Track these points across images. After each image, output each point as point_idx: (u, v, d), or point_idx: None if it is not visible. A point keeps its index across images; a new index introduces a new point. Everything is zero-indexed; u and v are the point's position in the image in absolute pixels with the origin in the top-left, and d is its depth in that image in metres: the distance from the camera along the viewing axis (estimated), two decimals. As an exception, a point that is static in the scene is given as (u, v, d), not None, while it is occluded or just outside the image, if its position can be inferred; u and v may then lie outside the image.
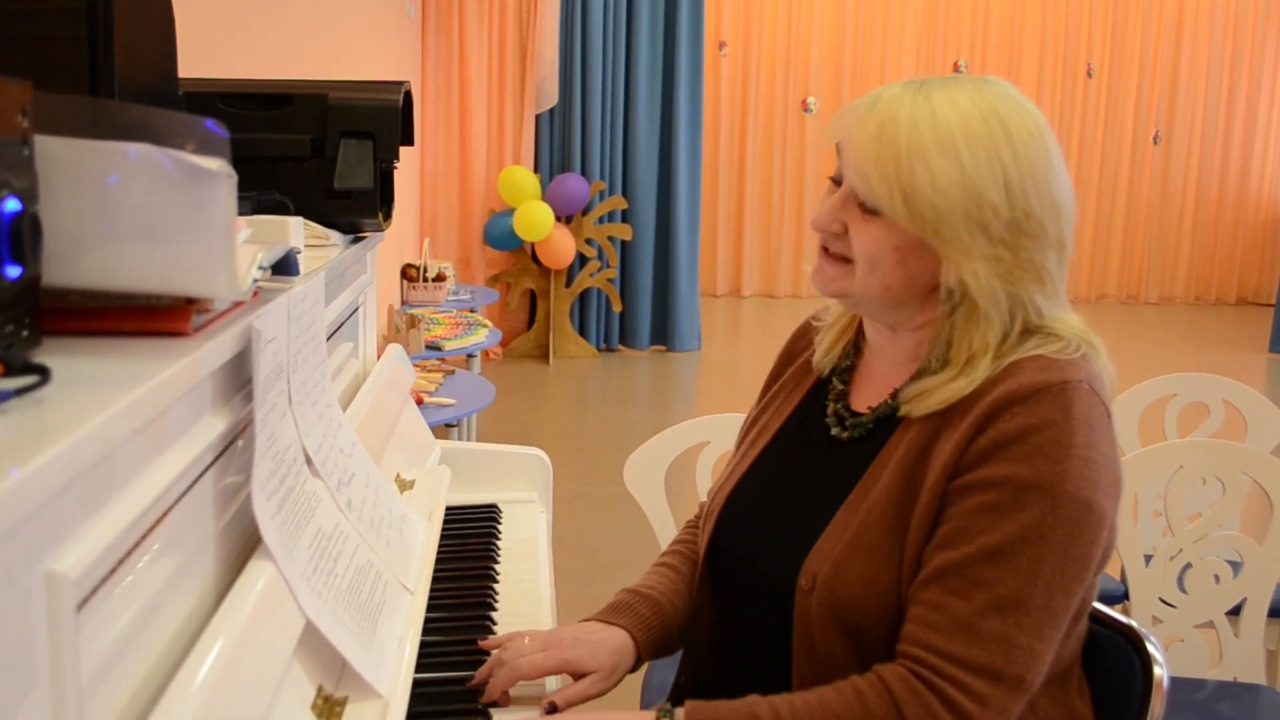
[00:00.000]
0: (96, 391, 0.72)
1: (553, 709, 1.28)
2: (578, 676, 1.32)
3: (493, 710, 1.27)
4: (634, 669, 1.40)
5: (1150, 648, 1.37)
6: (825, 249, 1.31)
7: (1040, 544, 1.15)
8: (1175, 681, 1.98)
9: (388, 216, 1.70)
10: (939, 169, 1.20)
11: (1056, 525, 1.15)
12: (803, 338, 1.52)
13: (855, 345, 1.44)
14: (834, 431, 1.37)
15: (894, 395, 1.32)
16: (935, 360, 1.27)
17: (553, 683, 1.35)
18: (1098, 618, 1.42)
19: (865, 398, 1.38)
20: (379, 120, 1.61)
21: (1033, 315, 1.25)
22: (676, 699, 1.45)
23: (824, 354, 1.44)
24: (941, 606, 1.16)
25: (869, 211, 1.25)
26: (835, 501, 1.30)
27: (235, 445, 1.02)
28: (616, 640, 1.37)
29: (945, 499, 1.21)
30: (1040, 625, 1.15)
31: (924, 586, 1.19)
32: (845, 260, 1.28)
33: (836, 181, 1.30)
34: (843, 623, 1.24)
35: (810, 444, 1.41)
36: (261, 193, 1.45)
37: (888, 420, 1.32)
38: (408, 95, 1.68)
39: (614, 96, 7.29)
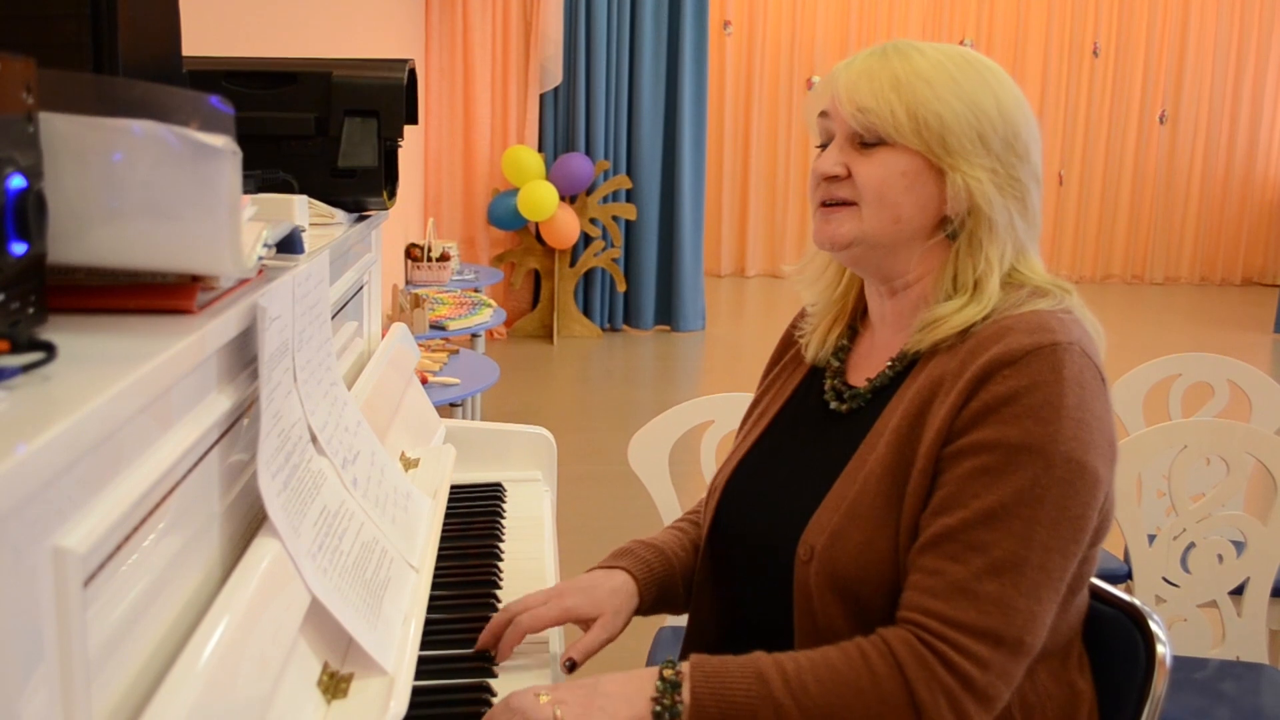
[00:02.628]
0: (102, 369, 0.72)
1: (572, 665, 1.31)
2: (585, 625, 1.35)
3: (495, 683, 1.28)
4: (640, 610, 1.42)
5: (1153, 626, 1.37)
6: (824, 203, 1.33)
7: (1034, 505, 1.16)
8: (1178, 660, 1.99)
9: (392, 195, 1.69)
10: (937, 82, 1.27)
11: (1050, 486, 1.16)
12: (800, 324, 1.53)
13: (850, 328, 1.45)
14: (833, 405, 1.38)
15: (891, 364, 1.34)
16: (944, 294, 1.30)
17: (555, 644, 1.38)
18: (1101, 596, 1.42)
19: (863, 372, 1.39)
20: (383, 99, 1.61)
21: (1020, 238, 1.30)
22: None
23: (818, 346, 1.45)
24: (939, 571, 1.17)
25: (870, 145, 1.29)
26: (833, 473, 1.31)
27: (241, 423, 1.02)
28: (615, 581, 1.39)
29: (939, 465, 1.22)
30: (1037, 586, 1.16)
31: (921, 553, 1.20)
32: (848, 204, 1.31)
33: (824, 145, 1.34)
34: (842, 592, 1.25)
35: (809, 420, 1.42)
36: (266, 171, 1.45)
37: (886, 390, 1.33)
38: (412, 74, 1.68)
39: (618, 76, 7.26)
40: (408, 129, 1.67)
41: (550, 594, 1.36)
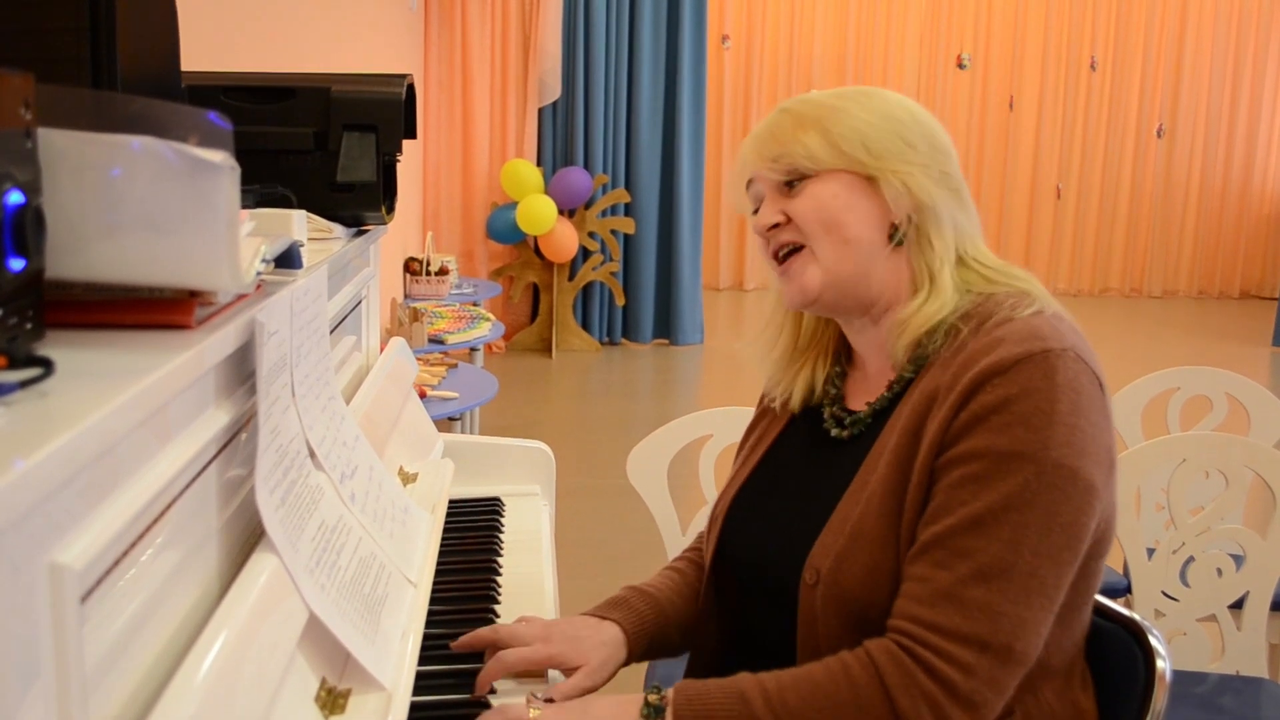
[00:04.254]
0: (100, 384, 0.72)
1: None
2: (569, 672, 1.33)
3: (493, 699, 1.27)
4: (628, 663, 1.41)
5: (1153, 641, 1.37)
6: (777, 256, 1.36)
7: (1023, 511, 1.15)
8: (1177, 675, 1.98)
9: (390, 210, 1.70)
10: (843, 107, 1.31)
11: (1040, 492, 1.15)
12: (767, 398, 1.52)
13: (838, 366, 1.45)
14: (834, 432, 1.38)
15: (890, 387, 1.33)
16: (907, 297, 1.32)
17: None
18: (1100, 610, 1.42)
19: (862, 397, 1.39)
20: (382, 113, 1.61)
21: (964, 227, 1.32)
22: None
23: (804, 391, 1.45)
24: (927, 579, 1.17)
25: (794, 184, 1.32)
26: (835, 497, 1.30)
27: (239, 438, 1.02)
28: (605, 634, 1.38)
29: (933, 477, 1.21)
30: (1027, 593, 1.15)
31: (912, 561, 1.19)
32: (798, 250, 1.33)
33: (757, 209, 1.38)
34: (847, 615, 1.24)
35: (809, 447, 1.42)
36: (264, 186, 1.45)
37: (885, 413, 1.32)
38: (410, 88, 1.68)
39: (617, 90, 7.28)
40: (406, 143, 1.67)
41: (538, 635, 1.33)
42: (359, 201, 1.61)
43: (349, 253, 1.59)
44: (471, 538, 1.74)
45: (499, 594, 1.56)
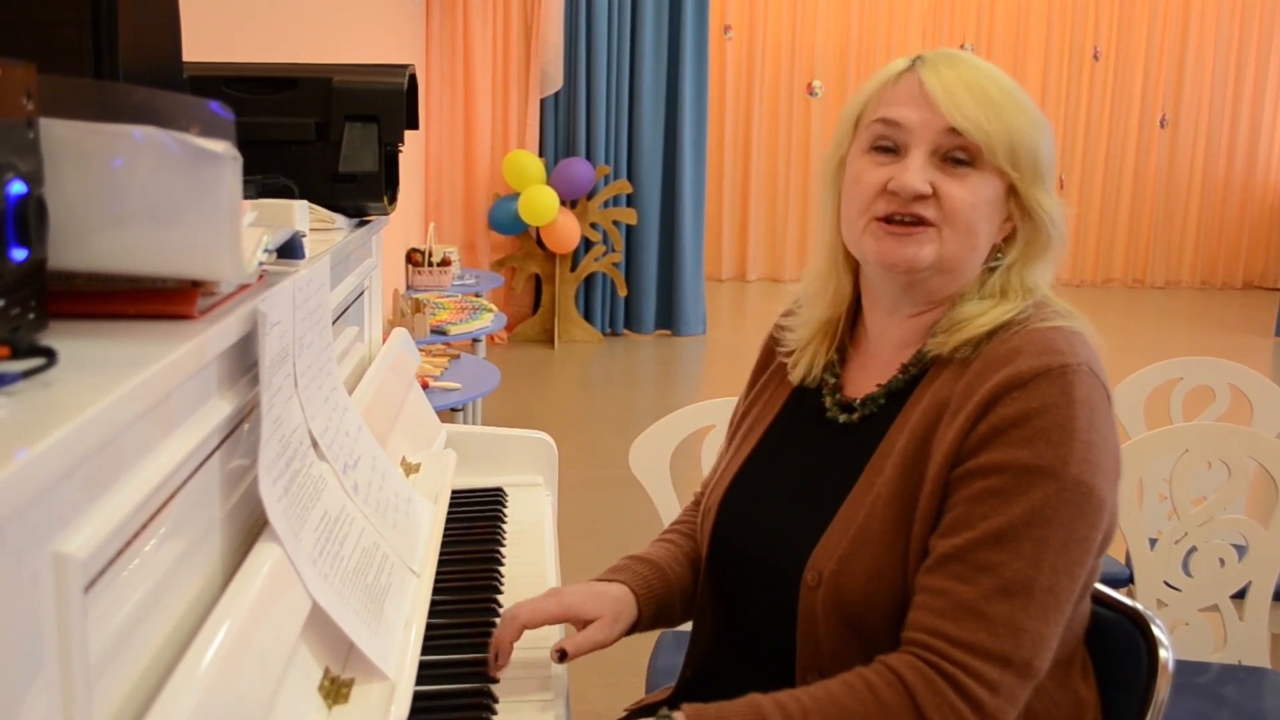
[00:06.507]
0: (103, 374, 0.72)
1: (562, 656, 1.29)
2: (582, 627, 1.33)
3: (496, 689, 1.27)
4: (637, 625, 1.40)
5: (1155, 631, 1.37)
6: (892, 219, 1.25)
7: (1044, 527, 1.14)
8: (1180, 664, 1.98)
9: (392, 200, 1.69)
10: (1027, 111, 1.25)
11: (1060, 508, 1.14)
12: (774, 343, 1.50)
13: (839, 350, 1.42)
14: (842, 419, 1.35)
15: (904, 369, 1.31)
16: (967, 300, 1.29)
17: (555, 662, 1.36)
18: (1103, 600, 1.42)
19: (860, 388, 1.36)
20: (383, 104, 1.61)
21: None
22: (682, 690, 1.45)
23: (806, 368, 1.41)
24: (947, 592, 1.15)
25: (959, 164, 1.24)
26: (838, 493, 1.28)
27: (242, 428, 1.02)
28: (616, 590, 1.38)
29: (948, 488, 1.20)
30: (1046, 609, 1.14)
31: (929, 573, 1.17)
32: (927, 225, 1.25)
33: (886, 149, 1.27)
34: (848, 618, 1.23)
35: (807, 434, 1.39)
36: (266, 176, 1.45)
37: (899, 396, 1.30)
38: (412, 79, 1.68)
39: (619, 80, 7.27)
40: (408, 134, 1.67)
41: (550, 592, 1.35)
42: (361, 192, 1.61)
43: (351, 243, 1.59)
44: (474, 528, 1.74)
45: (502, 584, 1.56)
